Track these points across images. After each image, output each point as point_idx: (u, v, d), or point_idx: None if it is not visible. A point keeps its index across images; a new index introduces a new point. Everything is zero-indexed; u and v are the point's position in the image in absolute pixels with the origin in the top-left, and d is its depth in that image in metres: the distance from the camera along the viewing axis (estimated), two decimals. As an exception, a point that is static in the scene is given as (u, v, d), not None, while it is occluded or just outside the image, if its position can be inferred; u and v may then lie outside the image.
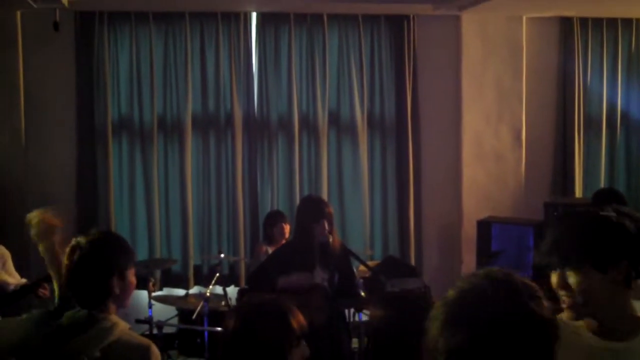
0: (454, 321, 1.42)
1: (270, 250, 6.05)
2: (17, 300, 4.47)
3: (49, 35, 6.47)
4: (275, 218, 6.33)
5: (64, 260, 2.56)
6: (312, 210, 4.50)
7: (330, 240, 4.41)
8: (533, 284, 1.47)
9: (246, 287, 6.16)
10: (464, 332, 1.40)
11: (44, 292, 4.51)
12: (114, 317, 2.48)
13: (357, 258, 4.72)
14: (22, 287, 4.56)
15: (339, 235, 5.10)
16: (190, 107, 6.95)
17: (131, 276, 2.59)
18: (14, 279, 4.68)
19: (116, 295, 2.52)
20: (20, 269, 5.22)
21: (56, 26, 6.38)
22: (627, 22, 7.60)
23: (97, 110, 6.82)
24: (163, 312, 6.00)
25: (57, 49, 6.77)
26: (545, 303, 1.45)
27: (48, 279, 3.74)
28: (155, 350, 2.45)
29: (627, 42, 7.66)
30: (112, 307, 2.53)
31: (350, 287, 4.63)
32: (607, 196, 5.21)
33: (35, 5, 6.06)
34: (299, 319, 2.33)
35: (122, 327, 2.46)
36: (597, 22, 7.54)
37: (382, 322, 4.37)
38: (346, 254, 4.67)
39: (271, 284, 4.34)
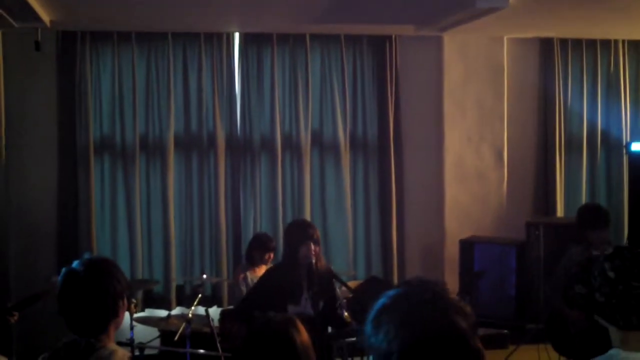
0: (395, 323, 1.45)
1: (249, 275, 6.04)
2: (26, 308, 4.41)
3: (30, 55, 6.46)
4: (261, 243, 6.27)
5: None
6: (298, 232, 4.55)
7: (314, 262, 4.40)
8: (464, 304, 1.50)
9: (232, 307, 6.11)
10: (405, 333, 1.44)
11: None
12: (113, 345, 2.42)
13: (340, 280, 4.75)
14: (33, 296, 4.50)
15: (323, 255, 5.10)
16: (173, 127, 6.93)
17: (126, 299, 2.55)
18: None
19: (119, 318, 2.47)
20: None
21: (38, 46, 6.37)
22: (605, 43, 7.68)
23: (79, 130, 6.79)
24: (145, 334, 5.93)
25: (39, 69, 6.74)
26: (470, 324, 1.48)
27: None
28: None
29: (606, 62, 7.74)
30: (113, 331, 2.46)
31: (332, 312, 4.61)
32: (591, 212, 5.25)
33: (16, 25, 6.04)
34: (302, 334, 2.35)
35: (120, 355, 2.39)
36: (577, 43, 7.63)
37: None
38: (331, 278, 4.67)
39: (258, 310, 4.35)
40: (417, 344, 1.41)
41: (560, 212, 7.57)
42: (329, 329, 4.74)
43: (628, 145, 7.05)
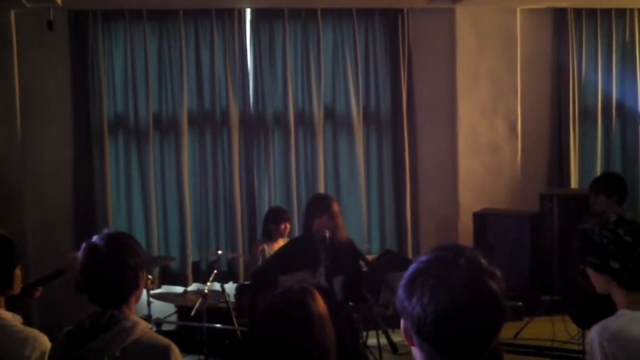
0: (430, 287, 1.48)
1: (267, 248, 6.08)
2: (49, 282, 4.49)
3: (43, 34, 6.49)
4: (275, 215, 6.31)
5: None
6: (313, 205, 4.65)
7: (327, 235, 4.43)
8: (494, 269, 1.53)
9: (248, 282, 6.16)
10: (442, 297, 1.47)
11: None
12: (135, 317, 2.46)
13: (359, 254, 4.81)
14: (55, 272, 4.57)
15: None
16: (186, 105, 6.95)
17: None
18: None
19: (139, 290, 2.52)
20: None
21: (50, 25, 6.39)
22: (620, 12, 7.60)
23: (92, 109, 6.82)
24: (162, 310, 6.01)
25: (52, 48, 6.77)
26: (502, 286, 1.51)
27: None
28: (175, 349, 2.45)
29: (621, 32, 7.66)
30: (134, 303, 2.51)
31: (356, 288, 4.62)
32: (606, 181, 5.22)
33: (28, 5, 6.07)
34: (319, 304, 2.36)
35: (142, 326, 2.43)
36: (591, 12, 7.55)
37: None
38: (354, 252, 4.71)
39: (276, 280, 4.39)
40: (451, 307, 1.44)
41: (574, 183, 7.54)
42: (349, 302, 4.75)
43: (643, 115, 6.99)
